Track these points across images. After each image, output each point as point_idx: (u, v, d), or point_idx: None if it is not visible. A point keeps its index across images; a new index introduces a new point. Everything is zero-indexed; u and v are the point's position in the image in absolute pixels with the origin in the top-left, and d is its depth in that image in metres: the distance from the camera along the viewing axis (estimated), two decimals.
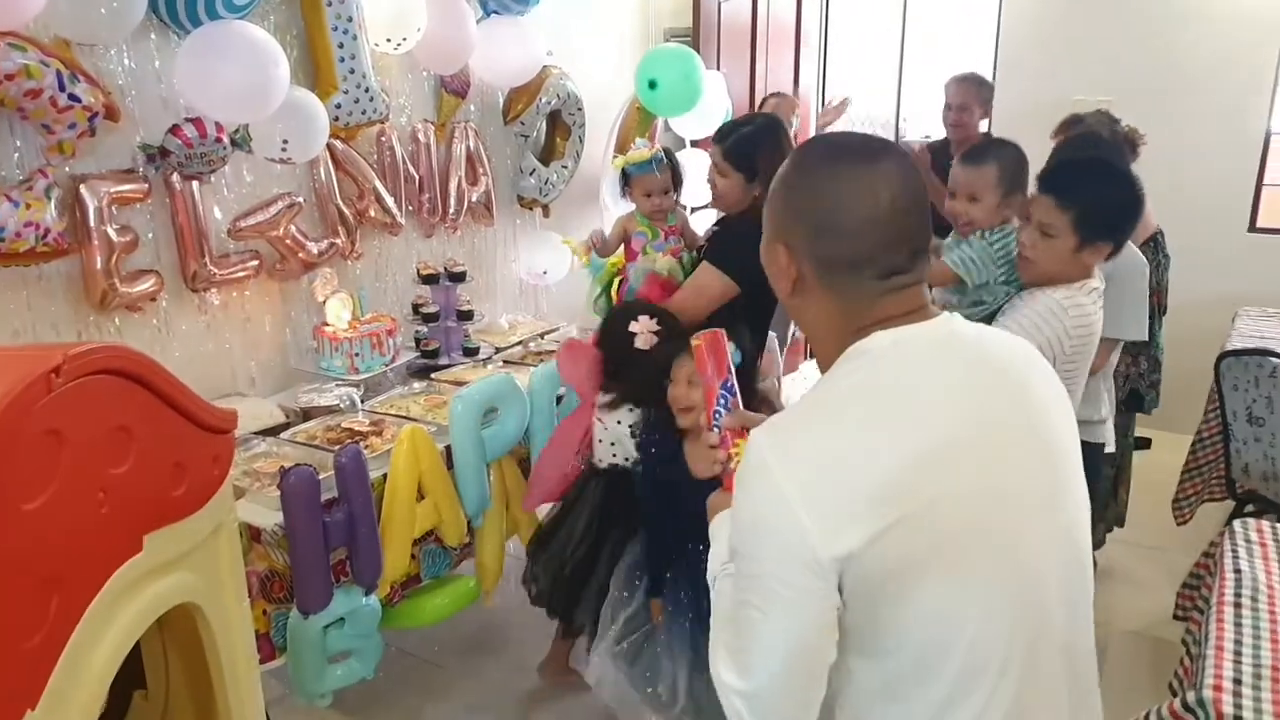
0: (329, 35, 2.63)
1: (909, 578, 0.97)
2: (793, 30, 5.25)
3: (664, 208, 2.79)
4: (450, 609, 2.52)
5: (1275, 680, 1.50)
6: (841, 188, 1.06)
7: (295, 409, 2.64)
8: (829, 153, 1.12)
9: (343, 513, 2.12)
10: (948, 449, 1.01)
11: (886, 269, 1.06)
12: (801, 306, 1.13)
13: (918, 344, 1.06)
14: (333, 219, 2.85)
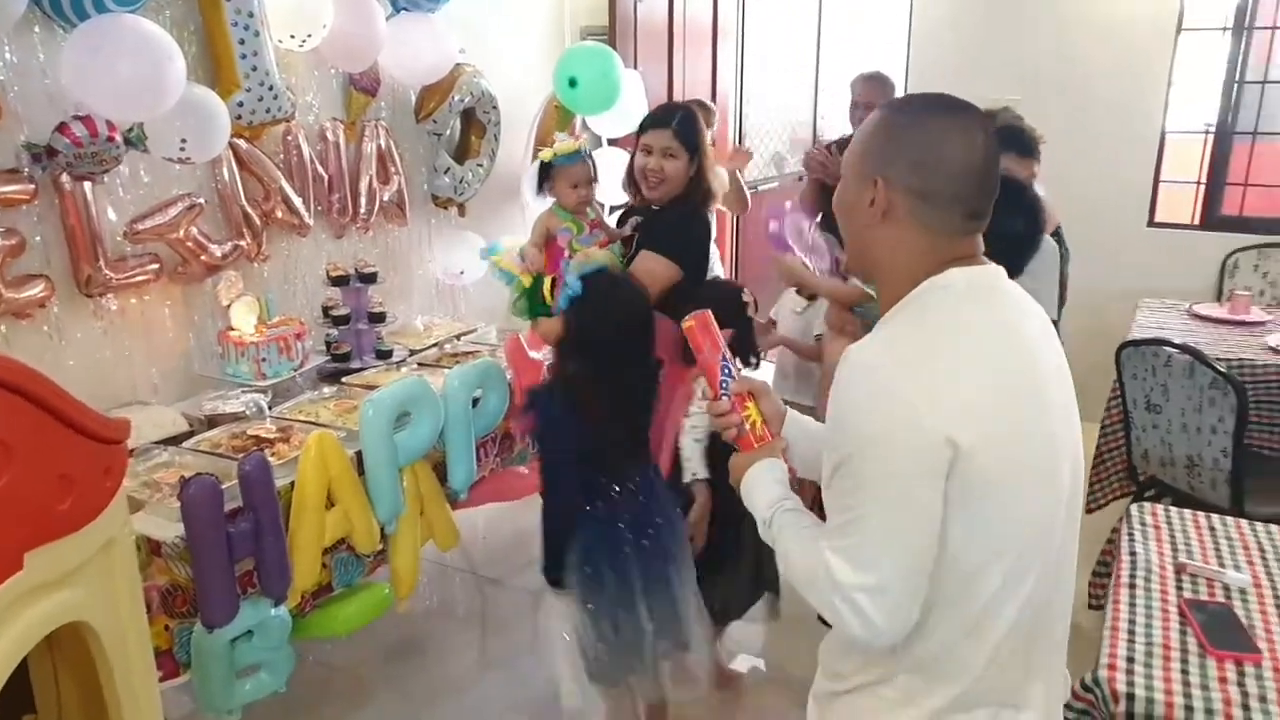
0: (228, 31, 2.55)
1: (988, 484, 1.09)
2: (710, 29, 5.27)
3: (588, 199, 2.79)
4: (364, 618, 2.47)
5: (1166, 658, 1.55)
6: (946, 130, 1.17)
7: (199, 417, 2.56)
8: (932, 100, 1.23)
9: (248, 522, 2.06)
10: (1026, 386, 1.15)
11: (972, 210, 1.19)
12: (883, 238, 1.21)
13: (986, 286, 1.20)
14: (237, 220, 2.77)
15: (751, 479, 1.37)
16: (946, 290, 1.17)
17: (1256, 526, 2.01)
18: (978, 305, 1.18)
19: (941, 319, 1.16)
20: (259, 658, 2.19)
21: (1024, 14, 4.53)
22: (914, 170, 1.17)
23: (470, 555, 3.50)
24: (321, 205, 3.09)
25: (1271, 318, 3.61)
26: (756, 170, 5.72)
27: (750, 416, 1.44)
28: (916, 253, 1.19)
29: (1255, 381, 3.07)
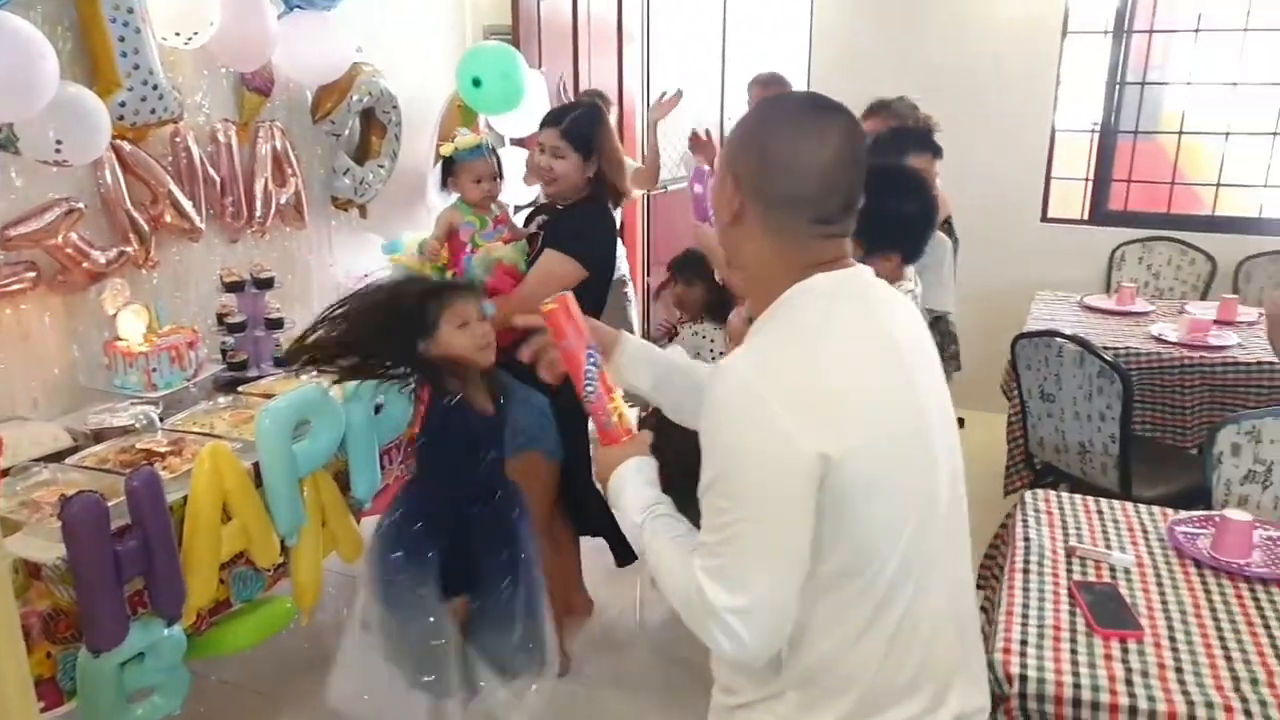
0: (107, 28, 2.44)
1: (862, 486, 1.09)
2: (615, 29, 5.26)
3: (493, 194, 2.76)
4: (264, 632, 2.39)
5: (1056, 639, 1.59)
6: (794, 131, 1.15)
7: (85, 431, 2.44)
8: (790, 101, 1.26)
9: (137, 540, 1.97)
10: (899, 385, 1.16)
11: (820, 214, 1.16)
12: (740, 239, 1.21)
13: (854, 289, 1.19)
14: (123, 226, 2.66)
15: (622, 478, 1.33)
16: (813, 295, 1.16)
17: (1140, 509, 2.09)
18: (847, 309, 1.17)
19: (811, 325, 1.15)
20: (151, 680, 2.10)
21: (921, 15, 4.66)
22: (760, 173, 1.16)
23: None
24: (214, 209, 2.99)
25: (1155, 308, 3.79)
26: (666, 170, 5.72)
27: (617, 408, 1.40)
28: (771, 256, 1.19)
29: (1140, 369, 3.22)
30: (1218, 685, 1.48)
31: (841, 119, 1.17)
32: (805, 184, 1.14)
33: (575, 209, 2.70)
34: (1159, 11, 4.58)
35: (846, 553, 1.11)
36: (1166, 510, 2.07)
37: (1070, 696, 1.46)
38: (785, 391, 1.08)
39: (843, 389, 1.10)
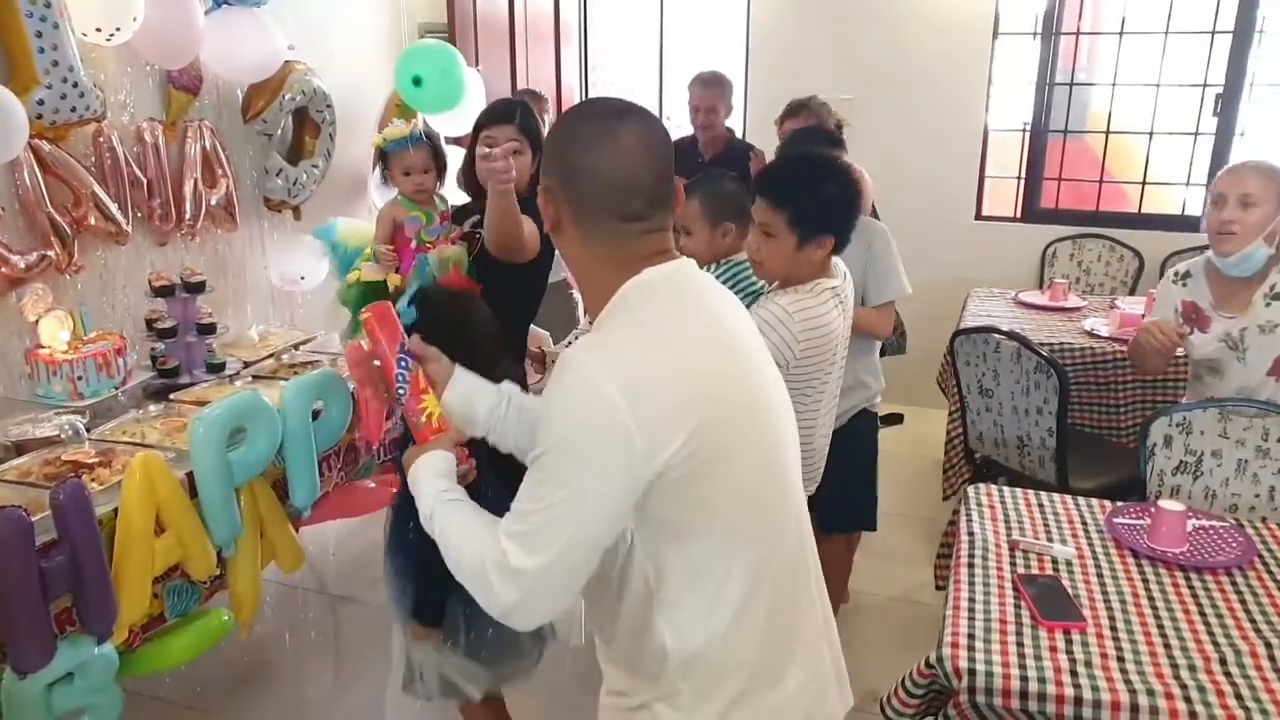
0: (23, 22, 2.34)
1: (715, 464, 1.14)
2: (552, 26, 5.24)
3: (426, 188, 2.66)
4: (199, 646, 2.31)
5: (1003, 633, 1.62)
6: (591, 137, 1.20)
7: (5, 443, 2.34)
8: (588, 108, 1.29)
9: (64, 556, 1.89)
10: (728, 364, 1.21)
11: (627, 212, 1.20)
12: (565, 245, 1.27)
13: (682, 278, 1.24)
14: (43, 229, 2.56)
15: (417, 472, 1.38)
16: (645, 289, 1.20)
17: (1080, 501, 2.12)
18: (680, 298, 1.23)
19: (646, 318, 1.19)
20: (82, 701, 2.02)
21: (857, 14, 4.71)
22: (565, 179, 1.22)
23: (320, 573, 3.37)
24: (141, 211, 2.90)
25: (1086, 303, 3.87)
26: None
27: (427, 409, 1.45)
28: (594, 257, 1.24)
29: (1074, 364, 3.30)
30: (1158, 673, 1.50)
31: (635, 120, 1.22)
32: (603, 186, 1.20)
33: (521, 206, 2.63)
34: (1085, 14, 4.70)
35: (698, 539, 1.18)
36: (1104, 502, 2.11)
37: (1018, 689, 1.47)
38: (628, 384, 1.10)
39: (680, 370, 1.14)
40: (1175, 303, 2.59)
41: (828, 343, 2.05)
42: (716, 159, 3.93)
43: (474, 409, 1.51)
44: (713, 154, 4.00)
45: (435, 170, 2.65)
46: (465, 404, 1.51)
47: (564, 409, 1.14)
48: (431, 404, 1.45)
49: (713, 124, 3.98)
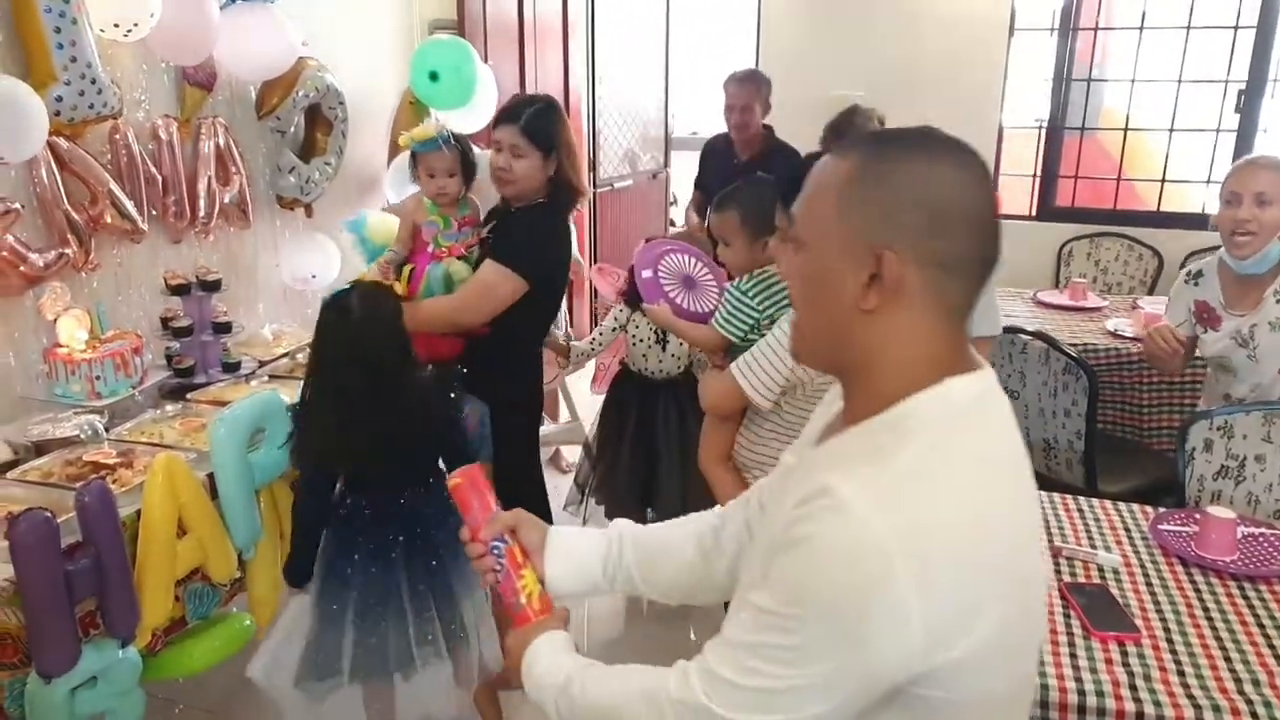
0: (41, 18, 2.31)
1: (1006, 659, 0.91)
2: (560, 24, 5.20)
3: (449, 191, 2.63)
4: (223, 652, 2.29)
5: (1054, 643, 1.57)
6: (949, 170, 0.93)
7: (25, 444, 2.32)
8: (914, 138, 0.96)
9: (88, 558, 1.87)
10: (1036, 528, 0.99)
11: (984, 278, 0.95)
12: (883, 328, 0.94)
13: (995, 402, 0.97)
14: (60, 227, 2.53)
15: (536, 652, 1.18)
16: (951, 410, 0.92)
17: (1120, 506, 2.08)
18: (992, 432, 0.95)
19: (952, 456, 0.90)
20: (105, 705, 2.00)
21: (868, 12, 4.69)
22: (931, 231, 0.91)
23: None
24: (156, 209, 2.87)
25: (1107, 303, 3.85)
26: (610, 168, 5.70)
27: (526, 588, 1.24)
28: (923, 346, 0.94)
29: (1099, 365, 3.25)
30: (1221, 688, 1.46)
31: (983, 161, 0.97)
32: (984, 233, 0.94)
33: (526, 214, 2.56)
34: (1103, 9, 4.67)
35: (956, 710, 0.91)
36: (1146, 508, 2.07)
37: (1075, 703, 1.43)
38: (915, 540, 0.84)
39: (991, 541, 0.89)
40: (1188, 303, 2.56)
41: None
42: (754, 160, 3.85)
43: (584, 570, 1.30)
44: (749, 155, 3.93)
45: (461, 175, 2.62)
46: (574, 568, 1.29)
47: (817, 563, 0.87)
48: (531, 581, 1.25)
49: (748, 123, 3.89)
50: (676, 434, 2.97)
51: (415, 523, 2.14)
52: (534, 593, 1.25)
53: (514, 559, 1.25)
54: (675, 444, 2.96)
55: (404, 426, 2.06)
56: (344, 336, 2.02)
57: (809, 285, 0.99)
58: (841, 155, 0.96)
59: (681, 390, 3.00)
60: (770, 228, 2.17)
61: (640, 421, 3.02)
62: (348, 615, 2.08)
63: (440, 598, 2.14)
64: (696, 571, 1.29)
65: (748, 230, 2.21)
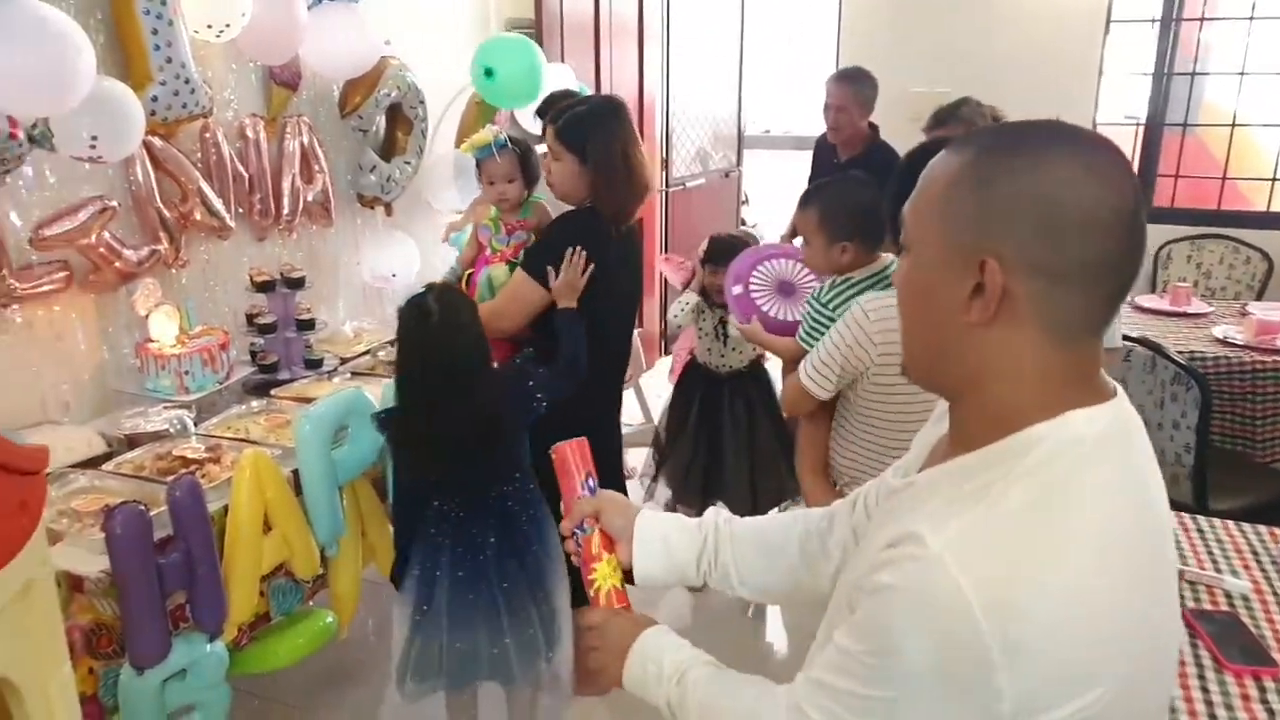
0: (140, 20, 2.35)
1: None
2: (636, 24, 5.18)
3: (508, 196, 2.62)
4: (307, 649, 2.30)
5: (1183, 675, 1.44)
6: (1076, 170, 0.80)
7: (118, 436, 2.35)
8: (1034, 134, 0.85)
9: (179, 553, 1.89)
10: (1161, 590, 0.84)
11: (1120, 287, 0.83)
12: (988, 344, 0.85)
13: (1126, 439, 0.85)
14: (153, 224, 2.57)
15: (650, 642, 1.12)
16: (1064, 449, 0.81)
17: (1245, 527, 1.95)
18: (1119, 477, 0.83)
19: (1065, 502, 0.80)
20: (193, 698, 2.01)
21: (953, 5, 4.57)
22: (1041, 238, 0.80)
23: None
24: (242, 206, 2.90)
25: (1212, 309, 3.68)
26: (682, 167, 5.66)
27: (596, 581, 1.19)
28: (1035, 366, 0.84)
29: (1208, 373, 3.09)
30: None
31: (1119, 154, 0.85)
32: (1115, 242, 0.81)
33: (559, 222, 2.48)
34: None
35: None
36: (1275, 529, 1.94)
37: None
38: (1006, 599, 0.75)
39: (1099, 607, 0.77)
40: None
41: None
42: (854, 160, 3.79)
43: (675, 560, 1.23)
44: (849, 155, 3.87)
45: (522, 179, 2.61)
46: (664, 558, 1.23)
47: (899, 619, 0.79)
48: (603, 574, 1.19)
49: (840, 123, 3.83)
50: (745, 427, 2.94)
51: (505, 522, 2.12)
52: (603, 587, 1.19)
53: (589, 549, 1.20)
54: (743, 437, 2.93)
55: (487, 425, 2.04)
56: (424, 339, 2.02)
57: (912, 294, 0.92)
58: (954, 151, 0.88)
59: (749, 384, 2.96)
60: (850, 231, 2.10)
61: (704, 413, 3.01)
62: (440, 619, 2.07)
63: (539, 599, 2.13)
64: (798, 574, 1.23)
65: (825, 231, 2.13)
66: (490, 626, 2.08)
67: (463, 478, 2.09)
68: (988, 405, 0.86)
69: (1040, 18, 4.44)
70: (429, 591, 2.09)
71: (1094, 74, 4.46)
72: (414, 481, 2.13)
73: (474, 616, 2.07)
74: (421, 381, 2.02)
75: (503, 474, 2.15)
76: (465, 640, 2.07)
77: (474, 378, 2.03)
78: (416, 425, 2.04)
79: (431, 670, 2.09)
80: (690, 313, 3.00)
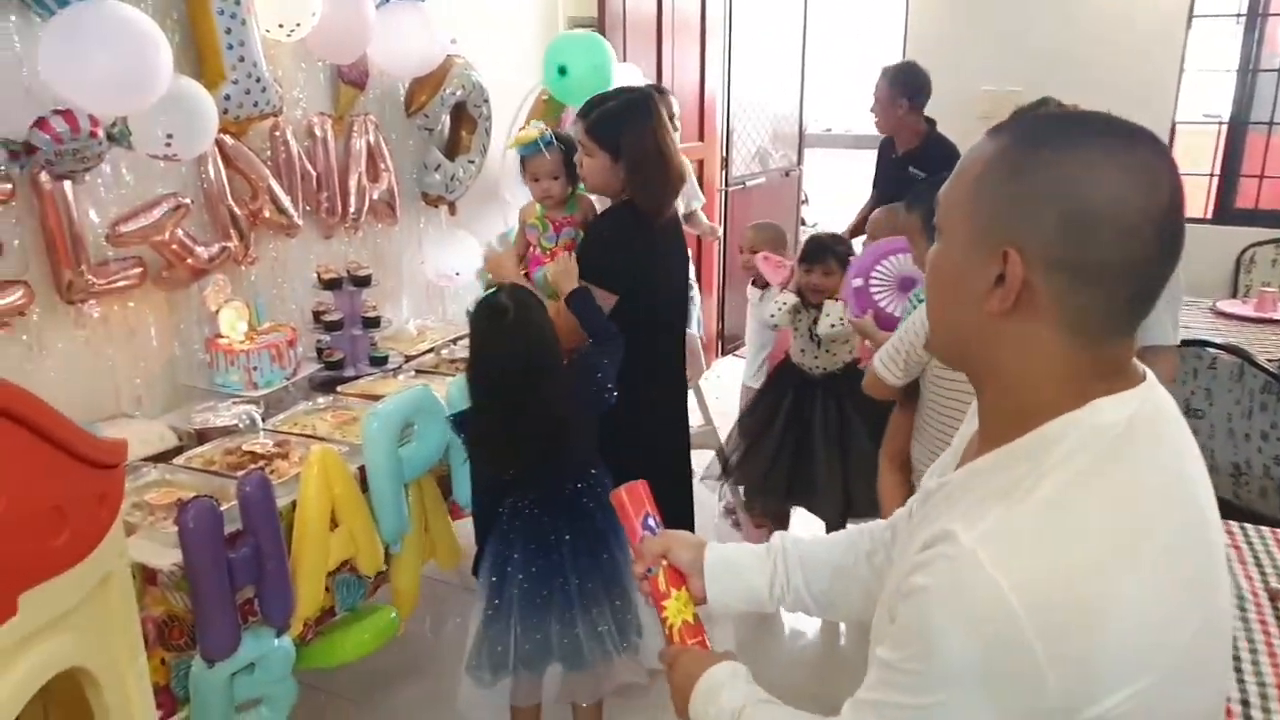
0: (214, 19, 2.39)
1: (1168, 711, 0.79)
2: (698, 22, 5.15)
3: (552, 194, 2.62)
4: (372, 644, 2.31)
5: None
6: (1112, 165, 0.78)
7: (188, 430, 2.39)
8: (1072, 125, 0.83)
9: (249, 547, 1.91)
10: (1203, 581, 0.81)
11: (1150, 288, 0.81)
12: (1008, 335, 0.84)
13: (1156, 426, 0.83)
14: (224, 221, 2.61)
15: (714, 678, 1.11)
16: (1095, 439, 0.80)
17: None
18: (1152, 465, 0.81)
19: (1094, 497, 0.78)
20: (261, 691, 2.04)
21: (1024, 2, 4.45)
22: (1064, 234, 0.79)
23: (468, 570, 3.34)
24: (310, 204, 2.93)
25: None
26: (742, 166, 5.62)
27: (669, 619, 1.20)
28: (1057, 362, 0.82)
29: None
30: None
31: (1157, 145, 0.82)
32: (1133, 245, 0.78)
33: (599, 220, 2.51)
34: None
35: None
36: None
37: None
38: (1044, 596, 0.75)
39: (1136, 601, 0.76)
40: None
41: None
42: (910, 155, 3.83)
43: (748, 588, 1.23)
44: (906, 150, 3.88)
45: (565, 176, 2.61)
46: (736, 586, 1.22)
47: (937, 620, 0.79)
48: (674, 610, 1.19)
49: (881, 117, 3.85)
50: (836, 430, 2.89)
51: (578, 517, 2.13)
52: (675, 624, 1.20)
53: (656, 588, 1.21)
54: (834, 443, 2.88)
55: (560, 422, 2.04)
56: (499, 338, 2.01)
57: (939, 278, 0.91)
58: (991, 137, 0.86)
59: (842, 386, 2.92)
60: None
61: (794, 414, 2.98)
62: (512, 613, 2.08)
63: (613, 594, 2.13)
64: (871, 591, 1.20)
65: (929, 236, 2.10)
66: (562, 620, 2.08)
67: (537, 474, 2.10)
68: (1009, 397, 0.86)
69: (1118, 12, 4.31)
70: (500, 586, 2.10)
71: (1174, 71, 4.31)
72: (492, 478, 2.15)
73: (546, 612, 2.08)
74: (498, 381, 2.02)
75: (576, 470, 2.16)
76: (536, 635, 2.08)
77: (547, 375, 2.03)
78: (492, 424, 2.04)
79: (502, 662, 2.10)
80: (788, 313, 2.97)
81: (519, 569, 2.09)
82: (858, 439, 2.87)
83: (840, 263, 2.89)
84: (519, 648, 2.08)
